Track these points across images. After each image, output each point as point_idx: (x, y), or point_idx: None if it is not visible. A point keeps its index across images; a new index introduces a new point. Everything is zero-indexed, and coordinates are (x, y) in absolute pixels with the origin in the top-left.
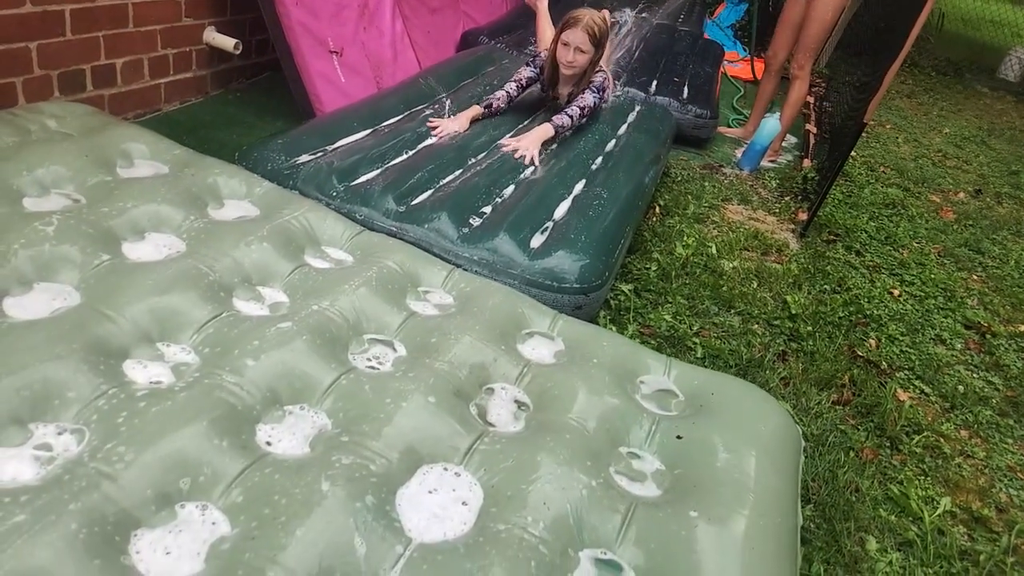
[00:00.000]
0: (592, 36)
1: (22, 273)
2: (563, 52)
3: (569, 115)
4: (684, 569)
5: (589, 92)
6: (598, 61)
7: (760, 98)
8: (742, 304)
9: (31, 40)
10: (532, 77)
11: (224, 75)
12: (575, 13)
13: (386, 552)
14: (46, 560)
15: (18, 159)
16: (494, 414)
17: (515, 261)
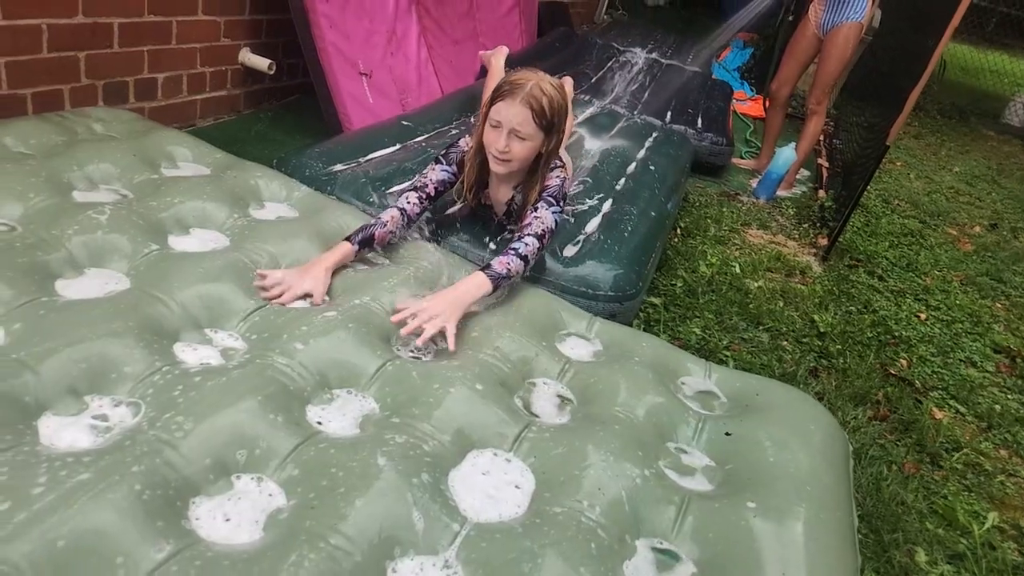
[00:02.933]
0: (538, 114)
1: (75, 258)
2: (492, 137)
3: (520, 253)
4: (745, 559)
5: (544, 205)
6: (554, 151)
7: (768, 131)
8: (770, 321)
9: (80, 50)
10: (445, 180)
11: (256, 95)
12: (515, 76)
13: (443, 529)
14: (111, 518)
15: (68, 155)
16: (538, 406)
17: (549, 268)
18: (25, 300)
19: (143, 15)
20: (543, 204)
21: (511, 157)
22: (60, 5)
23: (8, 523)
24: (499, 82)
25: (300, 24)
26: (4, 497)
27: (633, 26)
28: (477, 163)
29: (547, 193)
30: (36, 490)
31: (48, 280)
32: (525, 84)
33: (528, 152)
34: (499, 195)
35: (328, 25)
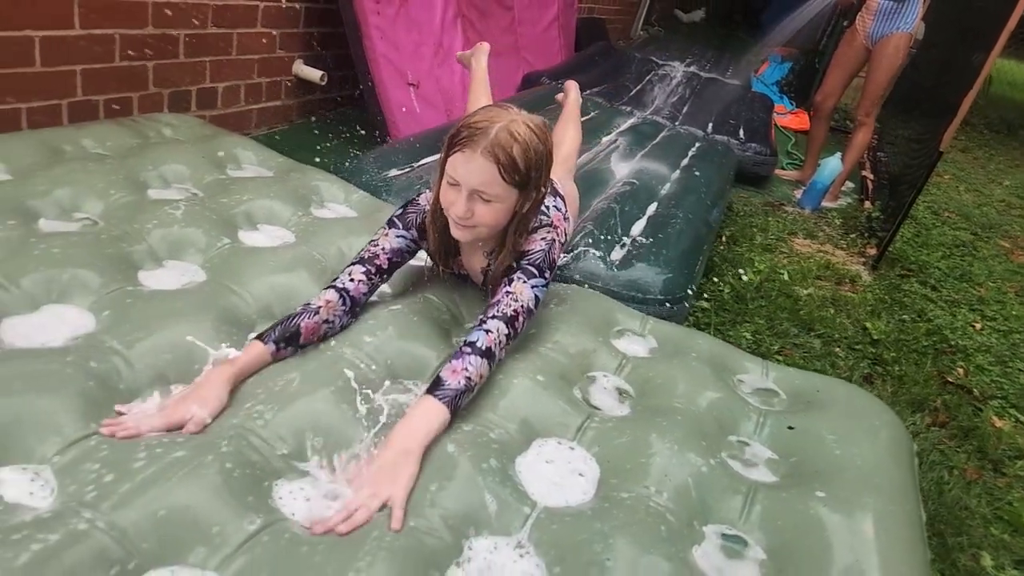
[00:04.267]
0: (508, 168)
1: (155, 250)
2: (450, 197)
3: (480, 348)
4: (815, 548)
5: (522, 277)
6: (534, 210)
7: (812, 142)
8: (821, 327)
9: (149, 59)
10: (401, 249)
11: (307, 105)
12: (478, 117)
13: (514, 512)
14: (206, 491)
15: (143, 156)
16: (598, 399)
17: (597, 274)
18: (113, 288)
19: (207, 27)
20: (520, 276)
21: (475, 223)
22: (132, 16)
23: (114, 493)
24: (457, 125)
25: (352, 35)
26: (108, 470)
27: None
28: (439, 228)
29: (527, 261)
30: (137, 464)
31: (131, 270)
32: (489, 129)
33: (498, 216)
34: (472, 262)
35: (379, 36)
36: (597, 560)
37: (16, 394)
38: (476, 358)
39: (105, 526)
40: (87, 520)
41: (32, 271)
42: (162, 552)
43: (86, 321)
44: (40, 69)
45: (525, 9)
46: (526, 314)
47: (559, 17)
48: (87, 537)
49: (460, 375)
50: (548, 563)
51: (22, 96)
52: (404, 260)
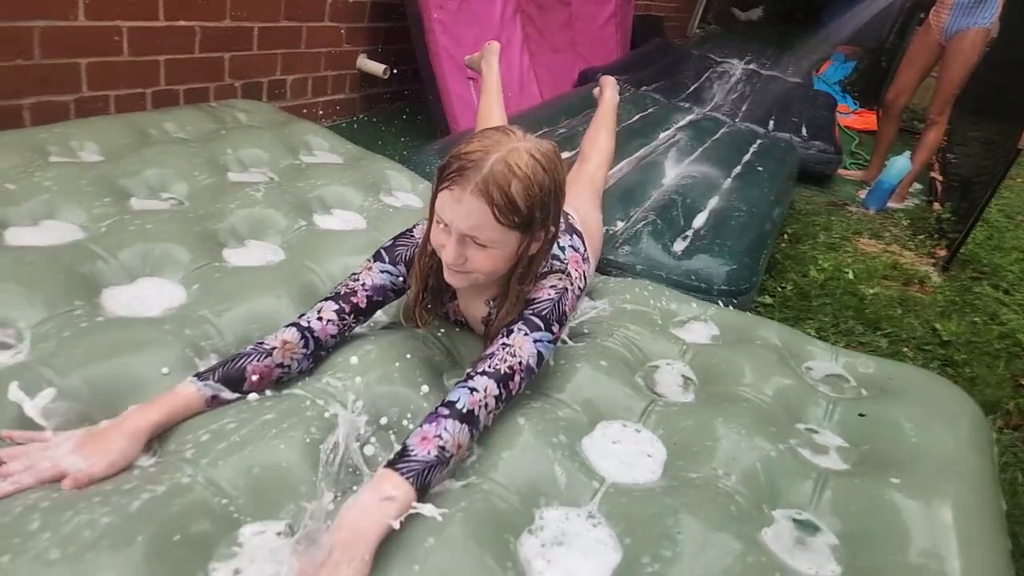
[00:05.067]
0: (505, 209)
1: (237, 230)
2: (439, 239)
3: (461, 411)
4: (891, 533)
5: (524, 328)
6: (542, 254)
7: (881, 141)
8: (889, 327)
9: (225, 51)
10: (384, 287)
11: (370, 99)
12: (472, 146)
13: (583, 485)
14: (294, 452)
15: (222, 140)
16: (662, 386)
17: (660, 263)
18: (201, 264)
19: (279, 20)
20: (522, 328)
21: (470, 269)
22: (211, 9)
23: (211, 451)
24: (449, 155)
25: (416, 29)
26: (205, 431)
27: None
28: (429, 268)
29: (532, 311)
30: (230, 425)
31: (217, 248)
32: (482, 161)
33: (496, 263)
34: (471, 309)
35: (442, 31)
36: (668, 533)
37: (124, 355)
38: (453, 423)
39: (204, 481)
40: (189, 475)
41: (128, 245)
42: (256, 507)
43: (178, 293)
44: (128, 58)
45: (583, 5)
46: (524, 373)
47: (616, 14)
48: (189, 490)
49: (431, 444)
50: (619, 534)
51: (111, 84)
52: (387, 300)
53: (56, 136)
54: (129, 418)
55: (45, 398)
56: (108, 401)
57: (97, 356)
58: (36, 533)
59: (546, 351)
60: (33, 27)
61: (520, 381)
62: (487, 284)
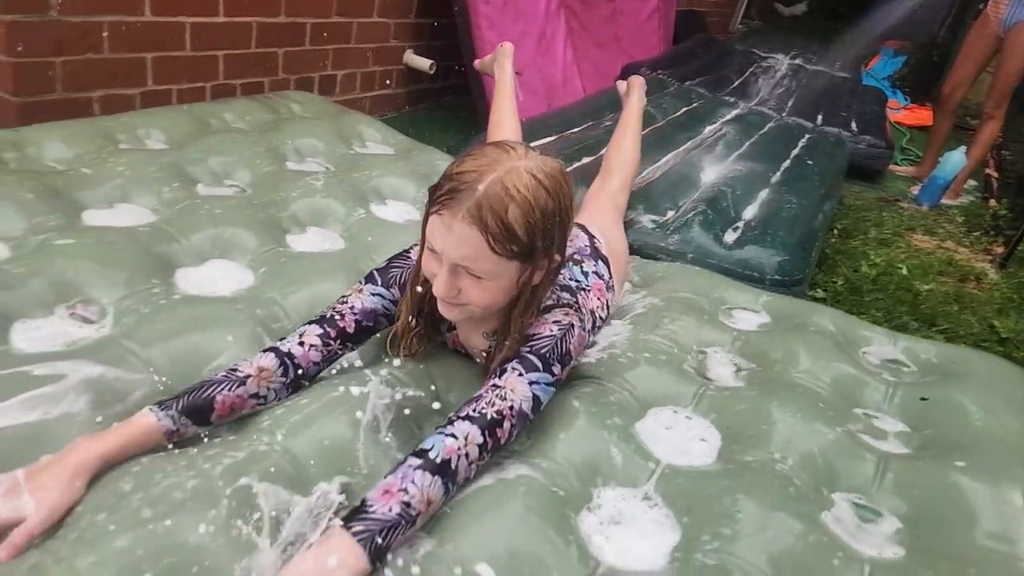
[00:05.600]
0: (500, 237)
1: (299, 217)
2: (431, 267)
3: (435, 461)
4: (957, 517)
5: (519, 368)
6: (549, 277)
7: (935, 136)
8: (945, 323)
9: (280, 47)
10: (375, 311)
11: (416, 94)
12: (464, 166)
13: (640, 466)
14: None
15: (279, 131)
16: (713, 372)
17: (711, 252)
18: (267, 248)
19: (330, 16)
20: (516, 368)
21: (464, 302)
22: (267, 5)
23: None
24: (442, 175)
25: (462, 24)
26: (281, 407)
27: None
28: (421, 294)
29: (530, 348)
30: (303, 401)
31: (280, 234)
32: (476, 183)
33: (493, 296)
34: (471, 340)
35: (488, 26)
36: (727, 512)
37: (201, 331)
38: (424, 475)
39: (281, 449)
40: (266, 443)
41: (199, 229)
42: (326, 472)
43: (246, 276)
44: (190, 53)
45: (626, 0)
46: (516, 419)
47: (659, 9)
48: (267, 457)
49: (394, 499)
50: (676, 513)
51: (174, 78)
52: (378, 326)
53: (124, 125)
54: (73, 451)
55: None
56: (187, 373)
57: (177, 331)
58: (129, 494)
59: (543, 394)
60: (103, 22)
61: (511, 428)
62: (486, 316)
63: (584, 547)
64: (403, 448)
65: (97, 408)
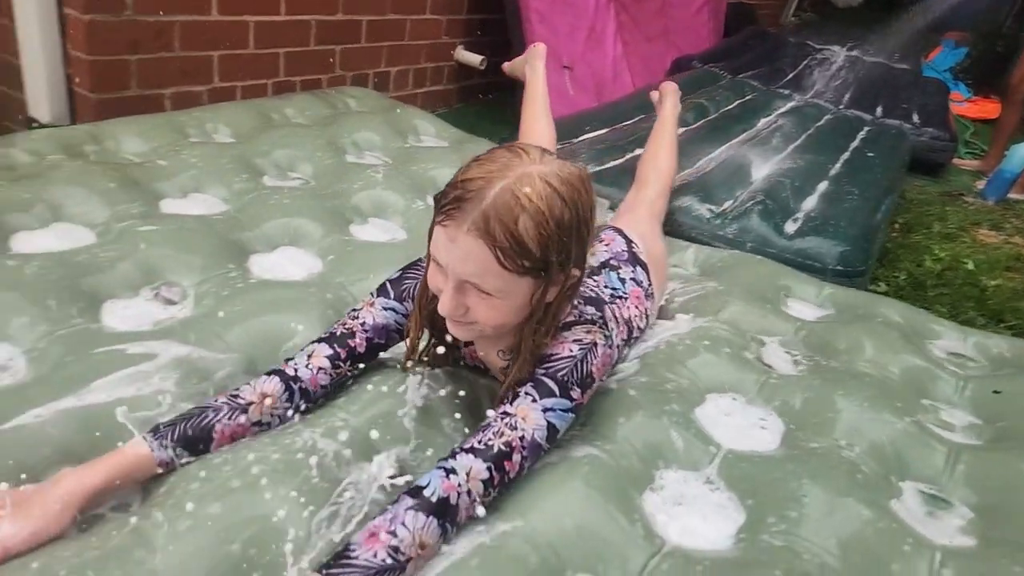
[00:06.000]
0: (510, 251)
1: (361, 208)
2: (436, 281)
3: (430, 500)
4: None
5: (533, 393)
6: (567, 293)
7: (1001, 129)
8: (1014, 319)
9: (337, 44)
10: (388, 327)
11: (465, 90)
12: (472, 172)
13: (701, 451)
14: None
15: (339, 125)
16: (774, 361)
17: (771, 242)
18: (332, 237)
19: (386, 13)
20: (529, 393)
21: (472, 320)
22: (326, 3)
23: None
24: (448, 182)
25: (513, 19)
26: (355, 383)
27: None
28: (432, 310)
29: (545, 370)
30: (369, 387)
31: (344, 224)
32: (484, 191)
33: (503, 314)
34: (490, 358)
35: (539, 20)
36: (793, 496)
37: (277, 313)
38: (416, 516)
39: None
40: (342, 420)
41: (269, 218)
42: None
43: (315, 262)
44: (253, 51)
45: None
46: (528, 451)
47: (709, 1)
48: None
49: (380, 544)
50: (740, 496)
51: (238, 75)
52: (390, 342)
53: (194, 119)
54: (62, 481)
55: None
56: (265, 354)
57: (254, 312)
58: (220, 466)
59: (560, 422)
60: (175, 21)
61: (521, 461)
62: (500, 335)
63: (649, 526)
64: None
65: (185, 386)
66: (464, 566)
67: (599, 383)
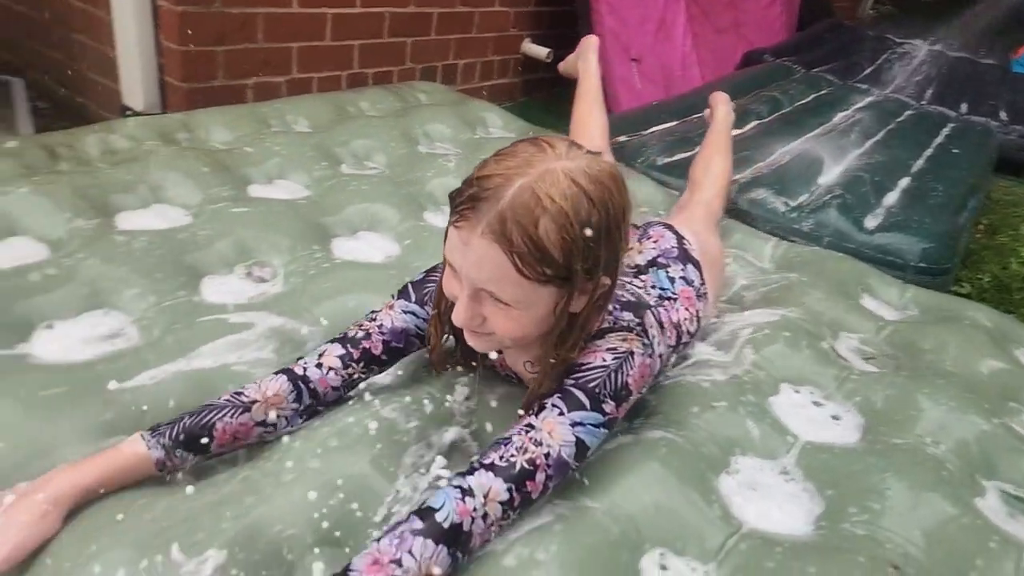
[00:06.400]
0: (528, 257)
1: (434, 196)
2: (451, 288)
3: (442, 526)
4: None
5: (560, 406)
6: (599, 302)
7: None
8: None
9: (408, 36)
10: (407, 331)
11: (530, 84)
12: (489, 168)
13: (777, 440)
14: None
15: (411, 117)
16: (851, 357)
17: (850, 237)
18: (408, 223)
19: (455, 6)
20: (556, 405)
21: (489, 331)
22: None
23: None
24: (465, 179)
25: (582, 11)
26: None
27: (906, 19)
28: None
29: (578, 382)
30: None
31: (419, 211)
32: (502, 189)
33: (524, 326)
34: (519, 367)
35: (608, 11)
36: (876, 488)
37: (361, 292)
38: (425, 543)
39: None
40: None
41: (349, 204)
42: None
43: (393, 247)
44: (329, 43)
45: None
46: (553, 470)
47: None
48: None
49: (383, 574)
50: (818, 486)
51: (315, 67)
52: (409, 348)
53: (275, 110)
54: (52, 481)
55: None
56: None
57: (340, 290)
58: (319, 428)
59: (591, 438)
60: (258, 13)
61: (546, 480)
62: (524, 345)
63: (726, 507)
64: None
65: (281, 354)
66: (548, 530)
67: (637, 396)
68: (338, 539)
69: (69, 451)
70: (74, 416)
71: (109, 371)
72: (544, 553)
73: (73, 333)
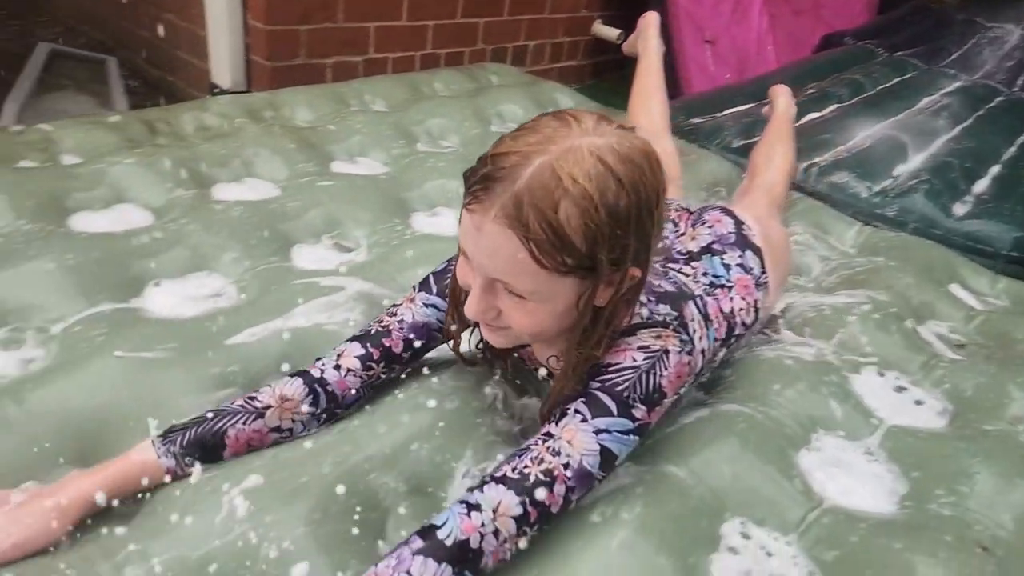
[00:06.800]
0: (545, 244)
1: None
2: (464, 275)
3: (446, 546)
4: None
5: (584, 412)
6: (628, 295)
7: None
8: None
9: (480, 17)
10: (429, 325)
11: (598, 66)
12: (505, 145)
13: (861, 422)
14: None
15: (483, 98)
16: (938, 344)
17: (937, 223)
18: None
19: None
20: (579, 411)
21: (505, 325)
22: None
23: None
24: (480, 157)
25: None
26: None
27: (996, 2)
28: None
29: (604, 384)
30: None
31: None
32: (519, 169)
33: (541, 320)
34: (542, 357)
35: None
36: (965, 472)
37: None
38: (425, 562)
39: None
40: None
41: (427, 180)
42: None
43: None
44: (405, 23)
45: None
46: (575, 481)
47: None
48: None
49: None
50: (904, 469)
51: (391, 47)
52: (431, 343)
53: (353, 91)
54: (63, 490)
55: None
56: None
57: (420, 260)
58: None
59: (618, 447)
60: None
61: (566, 493)
62: (547, 339)
63: (807, 482)
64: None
65: (369, 316)
66: (630, 491)
67: (674, 397)
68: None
69: (184, 401)
70: (187, 368)
71: (215, 327)
72: (628, 513)
73: (179, 291)
